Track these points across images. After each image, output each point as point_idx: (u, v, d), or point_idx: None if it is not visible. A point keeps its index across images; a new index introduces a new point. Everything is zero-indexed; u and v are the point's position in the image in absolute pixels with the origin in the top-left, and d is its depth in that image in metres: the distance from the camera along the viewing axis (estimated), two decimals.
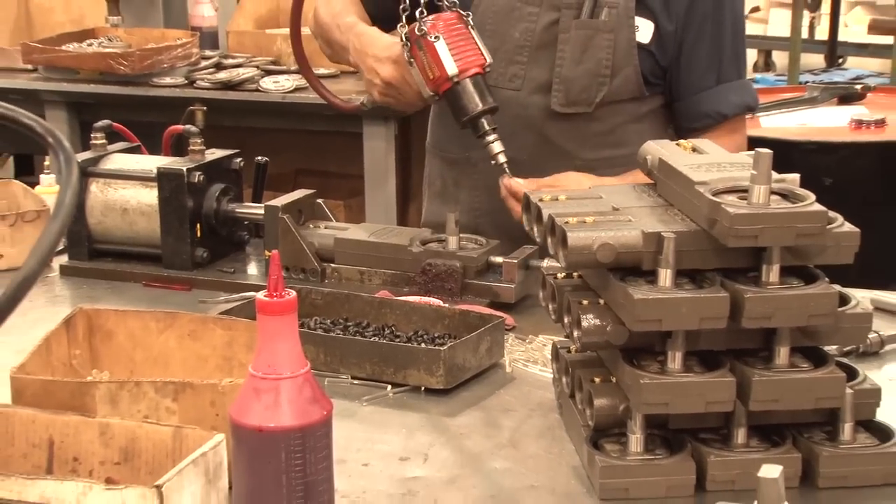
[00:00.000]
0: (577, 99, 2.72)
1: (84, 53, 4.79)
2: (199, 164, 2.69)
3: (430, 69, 2.50)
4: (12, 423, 1.75)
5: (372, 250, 2.59)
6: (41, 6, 5.33)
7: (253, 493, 1.59)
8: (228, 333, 2.04)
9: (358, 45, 2.68)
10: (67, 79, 4.73)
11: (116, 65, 4.64)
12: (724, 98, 2.73)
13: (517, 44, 2.75)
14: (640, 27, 2.69)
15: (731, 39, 2.75)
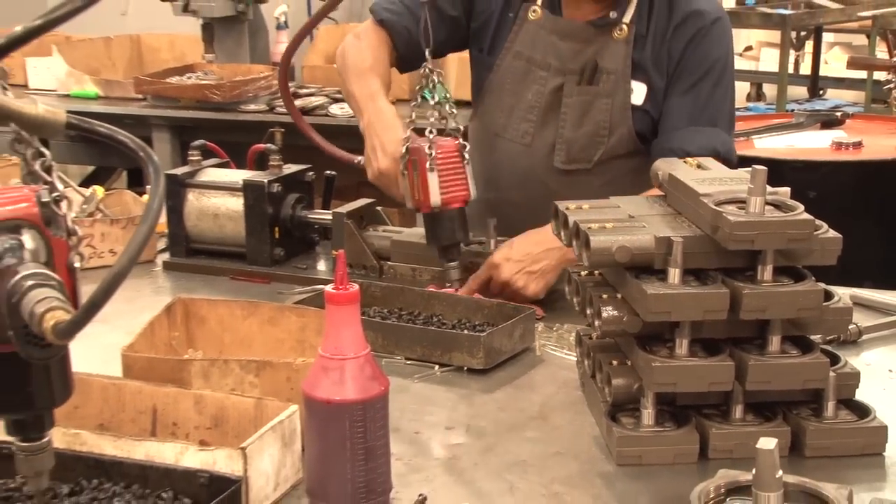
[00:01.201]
0: (577, 157, 2.65)
1: (184, 85, 4.81)
2: (278, 177, 2.68)
3: (417, 190, 2.39)
4: (123, 394, 1.76)
5: (423, 251, 2.56)
6: (150, 46, 5.37)
7: (322, 455, 1.58)
8: (301, 320, 2.04)
9: (372, 121, 2.54)
10: (170, 106, 4.75)
11: (210, 94, 4.67)
12: (691, 138, 2.55)
13: (529, 104, 2.68)
14: (635, 90, 2.60)
15: (711, 94, 2.60)
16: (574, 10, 2.65)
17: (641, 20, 2.59)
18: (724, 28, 2.64)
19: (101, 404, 1.75)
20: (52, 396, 1.28)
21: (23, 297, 1.11)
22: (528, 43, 2.66)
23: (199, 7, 4.98)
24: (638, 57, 2.59)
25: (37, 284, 1.12)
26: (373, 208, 2.72)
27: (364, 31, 2.73)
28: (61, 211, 1.21)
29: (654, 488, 1.68)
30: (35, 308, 1.09)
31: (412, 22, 2.64)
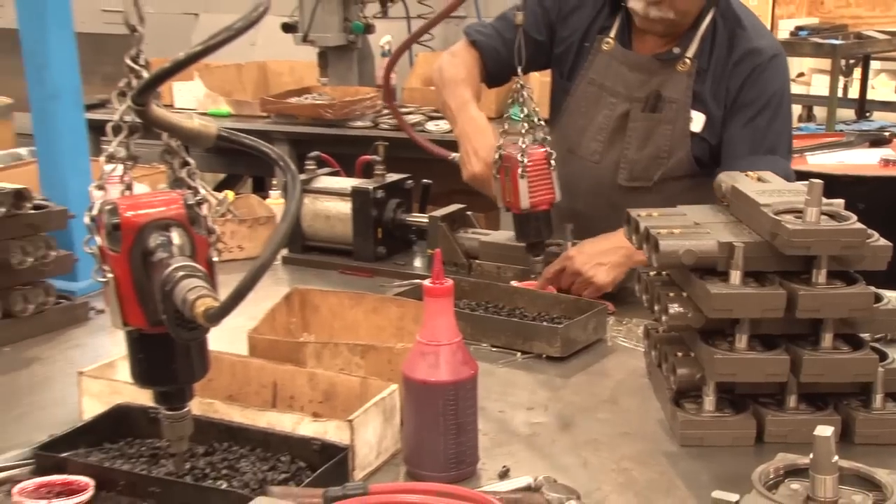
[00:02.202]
0: (639, 176, 2.60)
1: (302, 104, 4.86)
2: (381, 184, 2.69)
3: (508, 193, 2.38)
4: (248, 370, 1.78)
5: (507, 251, 2.55)
6: (274, 71, 5.45)
7: (418, 429, 1.59)
8: (401, 310, 2.04)
9: (466, 128, 2.56)
10: (290, 122, 4.80)
11: (324, 112, 4.71)
12: (752, 166, 2.42)
13: (599, 126, 2.64)
14: (694, 118, 2.55)
15: (770, 124, 2.53)
16: (642, 44, 2.63)
17: (703, 55, 2.55)
18: (780, 64, 2.59)
19: (230, 378, 1.77)
20: (193, 372, 1.31)
21: (175, 285, 1.14)
22: (600, 71, 2.64)
23: (316, 38, 5.03)
24: (698, 89, 2.55)
25: (186, 275, 1.14)
26: (463, 213, 2.71)
27: (458, 50, 2.75)
28: (203, 212, 1.24)
29: (714, 467, 1.64)
30: (187, 295, 1.12)
31: (500, 43, 2.67)
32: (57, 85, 2.43)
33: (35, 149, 2.61)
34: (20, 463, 1.56)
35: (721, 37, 2.55)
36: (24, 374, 2.07)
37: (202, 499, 1.45)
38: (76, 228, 2.34)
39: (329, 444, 1.53)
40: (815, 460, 1.18)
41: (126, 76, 1.23)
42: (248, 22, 1.10)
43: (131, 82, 1.22)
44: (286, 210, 1.16)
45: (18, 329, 2.20)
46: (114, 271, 1.22)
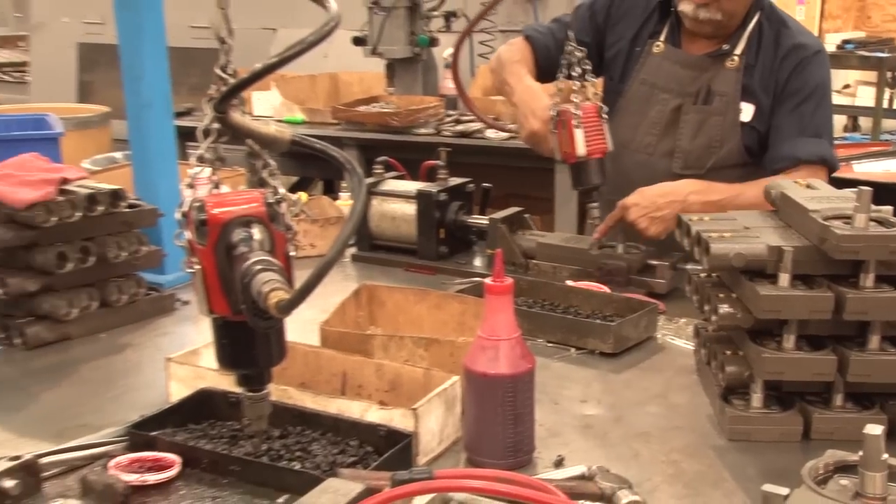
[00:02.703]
0: (692, 164, 2.62)
1: (370, 112, 4.88)
2: (444, 188, 2.69)
3: (565, 144, 2.41)
4: (319, 360, 1.79)
5: (562, 252, 2.53)
6: (345, 81, 5.48)
7: (478, 419, 1.58)
8: (462, 306, 2.04)
9: (523, 95, 2.60)
10: (359, 129, 4.82)
11: (390, 120, 4.72)
12: (800, 146, 2.52)
13: (652, 121, 2.66)
14: (744, 109, 2.57)
15: (814, 111, 2.56)
16: (691, 45, 2.66)
17: (751, 52, 2.58)
18: (823, 59, 2.62)
19: (302, 367, 1.78)
20: (271, 357, 1.32)
21: (253, 278, 1.15)
22: (652, 71, 2.66)
23: (384, 50, 5.05)
24: (747, 82, 2.58)
25: (263, 268, 1.15)
26: (521, 215, 2.70)
27: (515, 42, 2.83)
28: (281, 210, 1.25)
29: (761, 461, 1.61)
30: (262, 288, 1.13)
31: (552, 42, 2.75)
32: (150, 95, 2.47)
33: (129, 153, 2.65)
34: (115, 440, 1.59)
35: (767, 36, 2.59)
36: (118, 358, 2.11)
37: (277, 478, 1.46)
38: (165, 226, 2.37)
39: (394, 431, 1.53)
40: (865, 457, 1.15)
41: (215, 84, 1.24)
42: (319, 35, 1.10)
43: (220, 90, 1.23)
44: (352, 210, 1.16)
45: (113, 317, 2.24)
46: (201, 263, 1.24)
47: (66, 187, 2.15)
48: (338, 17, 1.14)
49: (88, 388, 1.95)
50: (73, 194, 2.13)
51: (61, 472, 1.50)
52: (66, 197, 2.12)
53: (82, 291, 2.17)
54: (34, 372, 2.02)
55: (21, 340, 2.10)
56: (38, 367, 2.04)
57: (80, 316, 2.16)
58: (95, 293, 2.20)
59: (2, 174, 2.14)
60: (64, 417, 1.78)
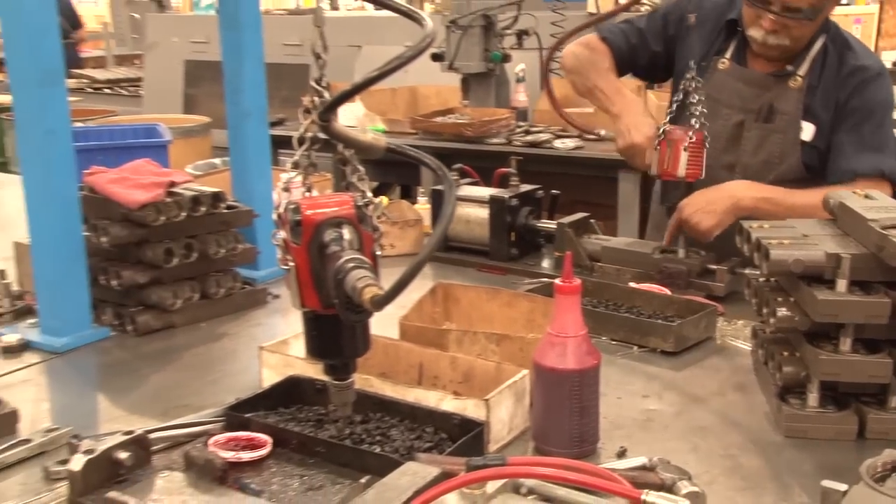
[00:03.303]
0: (752, 179, 2.51)
1: (446, 123, 4.89)
2: (515, 194, 2.67)
3: (667, 162, 2.38)
4: (398, 351, 1.79)
5: (626, 255, 2.50)
6: (423, 94, 5.50)
7: (545, 410, 1.57)
8: (531, 304, 2.02)
9: (623, 109, 2.58)
10: (435, 139, 4.83)
11: (464, 130, 4.72)
12: (859, 160, 2.43)
13: (715, 134, 2.54)
14: (805, 128, 2.49)
15: (875, 129, 2.47)
16: (756, 62, 2.58)
17: (814, 73, 2.50)
18: (885, 81, 2.53)
19: (382, 358, 1.78)
20: (357, 349, 1.33)
21: (346, 275, 1.15)
22: (716, 87, 2.58)
23: (460, 66, 5.05)
24: (809, 102, 2.49)
25: (356, 266, 1.16)
26: (587, 220, 2.67)
27: (591, 41, 2.77)
28: (369, 213, 1.25)
29: (816, 458, 1.57)
30: (356, 284, 1.13)
31: (625, 42, 2.72)
32: (249, 106, 2.51)
33: (227, 159, 2.69)
34: (213, 420, 1.61)
35: (831, 57, 2.50)
36: (216, 346, 2.14)
37: (359, 459, 1.46)
38: (259, 225, 2.40)
39: (468, 420, 1.53)
40: None
41: (310, 96, 1.25)
42: (417, 50, 1.10)
43: (315, 101, 1.24)
44: (442, 212, 1.16)
45: (212, 308, 2.27)
46: (295, 261, 1.25)
47: (174, 190, 2.19)
48: (433, 33, 1.14)
49: (190, 372, 1.99)
50: (179, 196, 2.17)
51: (167, 447, 1.53)
52: (174, 198, 2.16)
53: (186, 284, 2.21)
54: (143, 356, 2.07)
55: (132, 327, 2.15)
56: (147, 352, 2.09)
57: (184, 306, 2.20)
58: (197, 286, 2.24)
59: (118, 177, 2.18)
60: (168, 398, 1.82)
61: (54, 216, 2.04)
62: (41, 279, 2.08)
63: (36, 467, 1.53)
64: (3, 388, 1.80)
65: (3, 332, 2.08)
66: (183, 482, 1.37)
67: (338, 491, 1.40)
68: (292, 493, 1.41)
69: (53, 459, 1.53)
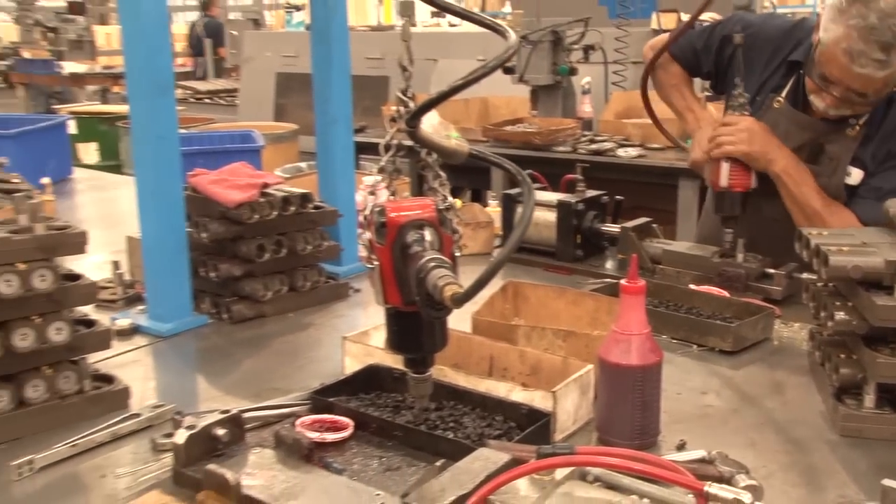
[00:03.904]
0: None
1: (515, 131, 4.87)
2: (581, 199, 2.64)
3: (713, 174, 2.35)
4: (470, 344, 1.78)
5: (687, 258, 2.45)
6: (494, 104, 5.49)
7: (609, 403, 1.55)
8: (596, 303, 1.99)
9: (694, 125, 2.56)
10: (505, 146, 4.80)
11: (533, 138, 4.70)
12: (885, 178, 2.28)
13: None
14: (852, 174, 2.31)
15: None
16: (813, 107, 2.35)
17: (873, 123, 2.29)
18: None
19: (456, 350, 1.77)
20: (435, 344, 1.33)
21: (428, 273, 1.15)
22: (769, 123, 2.37)
23: (530, 78, 5.03)
24: (861, 151, 2.30)
25: (437, 265, 1.15)
26: (649, 225, 2.63)
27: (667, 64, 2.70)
28: (449, 216, 1.25)
29: (872, 457, 1.52)
30: (437, 282, 1.13)
31: (692, 56, 2.64)
32: (335, 114, 2.53)
33: (313, 163, 2.72)
34: (300, 402, 1.63)
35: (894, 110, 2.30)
36: (302, 335, 2.16)
37: (433, 444, 1.47)
38: (343, 225, 2.43)
39: (535, 410, 1.52)
40: None
41: (397, 105, 1.25)
42: (500, 60, 1.10)
43: (400, 110, 1.24)
44: (522, 215, 1.15)
45: (299, 300, 2.30)
46: (379, 259, 1.25)
47: (267, 190, 2.22)
48: (516, 45, 1.14)
49: (279, 358, 2.01)
50: (271, 196, 2.20)
51: (259, 426, 1.55)
52: (266, 198, 2.19)
53: (276, 277, 2.24)
54: (237, 342, 2.10)
55: (228, 316, 2.19)
56: (240, 339, 2.11)
57: (274, 298, 2.23)
58: (286, 279, 2.26)
59: (217, 179, 2.22)
60: (259, 381, 1.84)
61: (162, 213, 2.08)
62: (150, 270, 2.13)
63: (144, 439, 1.57)
64: (116, 367, 1.83)
65: (117, 317, 2.14)
66: (273, 458, 1.39)
67: (414, 472, 1.40)
68: (372, 473, 1.42)
69: (160, 433, 1.57)
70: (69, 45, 9.31)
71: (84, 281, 1.71)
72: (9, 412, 1.59)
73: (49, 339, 1.61)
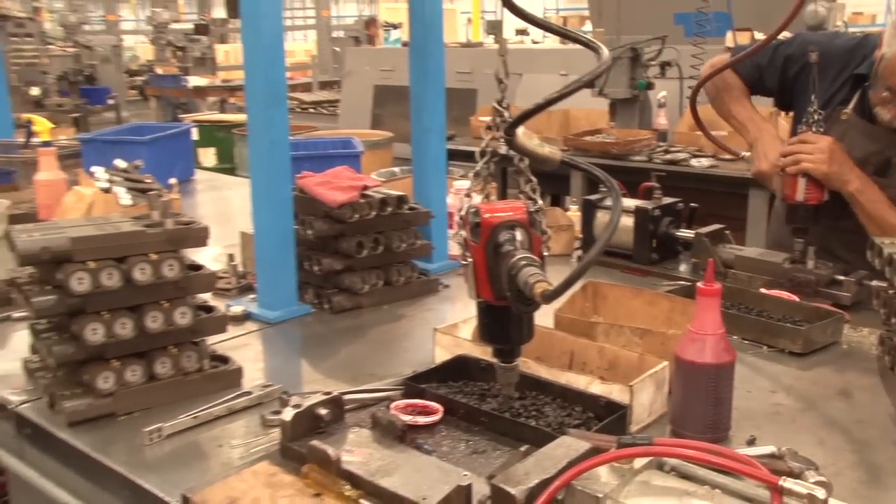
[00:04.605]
0: None
1: (595, 141, 4.84)
2: (658, 205, 2.59)
3: (787, 188, 2.26)
4: (552, 339, 1.76)
5: (758, 264, 2.37)
6: (575, 116, 5.47)
7: (683, 399, 1.51)
8: (671, 304, 1.96)
9: (757, 136, 2.46)
10: (584, 155, 4.77)
11: (611, 148, 4.66)
12: None
13: None
14: None
15: None
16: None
17: None
18: None
19: (538, 344, 1.75)
20: (522, 337, 1.32)
21: (519, 271, 1.15)
22: (837, 136, 2.29)
23: (609, 92, 5.00)
24: None
25: (527, 264, 1.15)
26: (722, 231, 2.55)
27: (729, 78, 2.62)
28: (539, 218, 1.24)
29: None
30: (528, 279, 1.12)
31: (755, 71, 2.56)
32: (430, 122, 2.54)
33: (405, 168, 2.74)
34: (394, 388, 1.64)
35: None
36: (396, 325, 2.17)
37: (517, 431, 1.46)
38: (434, 225, 2.44)
39: (613, 402, 1.49)
40: None
41: (493, 115, 1.25)
42: (595, 74, 1.09)
43: (496, 120, 1.24)
44: (611, 219, 1.14)
45: (393, 293, 2.31)
46: (473, 257, 1.25)
47: (366, 192, 2.24)
48: (609, 60, 1.12)
49: (374, 346, 2.03)
50: (370, 198, 2.23)
51: (356, 408, 1.57)
52: (366, 199, 2.21)
53: (372, 272, 2.26)
54: (337, 331, 2.12)
55: (328, 306, 2.22)
56: (340, 328, 2.14)
57: (370, 291, 2.25)
58: (381, 274, 2.28)
59: (322, 181, 2.26)
60: (356, 366, 1.86)
61: (273, 212, 2.12)
62: (260, 263, 2.17)
63: (255, 415, 1.61)
64: (230, 349, 1.88)
65: (231, 304, 2.19)
66: (369, 438, 1.40)
67: (498, 456, 1.40)
68: (459, 455, 1.42)
69: (268, 410, 1.60)
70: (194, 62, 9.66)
71: (205, 271, 1.77)
72: (141, 385, 1.65)
73: (175, 322, 1.66)
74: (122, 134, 3.97)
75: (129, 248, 1.62)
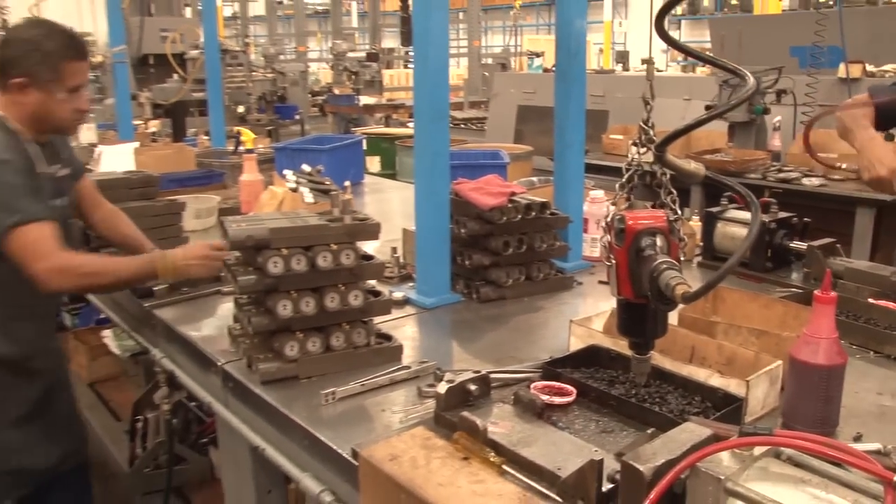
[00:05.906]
0: None
1: (714, 159, 4.63)
2: (774, 219, 2.45)
3: None
4: (676, 335, 1.70)
5: (866, 276, 2.19)
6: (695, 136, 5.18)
7: (795, 395, 1.42)
8: (785, 309, 1.86)
9: (866, 143, 2.23)
10: None
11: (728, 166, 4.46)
12: None
13: None
14: None
15: None
16: None
17: None
18: None
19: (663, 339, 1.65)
20: (656, 331, 1.29)
21: (661, 273, 1.13)
22: None
23: (728, 115, 4.76)
24: None
25: (668, 267, 1.13)
26: (833, 245, 2.38)
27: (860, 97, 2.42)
28: (678, 226, 1.21)
29: None
30: (670, 281, 1.10)
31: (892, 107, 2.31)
32: (571, 138, 2.51)
33: (544, 178, 2.72)
34: (533, 370, 1.64)
35: None
36: (534, 316, 2.15)
37: (642, 415, 1.43)
38: (571, 229, 2.41)
39: (730, 394, 1.44)
40: None
41: (639, 133, 1.23)
42: (741, 99, 1.05)
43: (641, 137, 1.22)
44: (749, 230, 1.09)
45: (533, 288, 2.29)
46: (616, 259, 1.23)
47: (513, 198, 2.24)
48: (754, 86, 1.08)
49: (515, 333, 2.01)
50: (517, 203, 2.22)
51: (500, 386, 1.57)
52: (513, 204, 2.21)
53: (516, 268, 2.25)
54: (483, 318, 2.12)
55: (476, 296, 2.22)
56: (486, 315, 2.13)
57: (513, 284, 2.24)
58: (524, 270, 2.27)
59: (476, 187, 2.27)
60: (500, 350, 1.85)
61: (433, 212, 2.15)
62: (420, 256, 2.20)
63: (413, 387, 1.64)
64: (392, 328, 1.91)
65: (393, 290, 2.24)
66: (511, 413, 1.40)
67: (626, 436, 1.38)
68: (590, 433, 1.41)
69: (424, 383, 1.63)
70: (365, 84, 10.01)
71: (375, 261, 1.82)
72: (320, 354, 1.72)
73: (349, 303, 1.72)
74: (306, 143, 4.15)
75: (315, 239, 1.70)
